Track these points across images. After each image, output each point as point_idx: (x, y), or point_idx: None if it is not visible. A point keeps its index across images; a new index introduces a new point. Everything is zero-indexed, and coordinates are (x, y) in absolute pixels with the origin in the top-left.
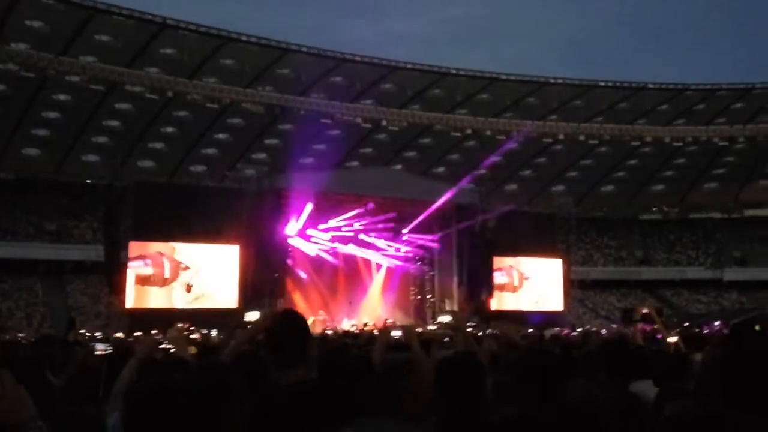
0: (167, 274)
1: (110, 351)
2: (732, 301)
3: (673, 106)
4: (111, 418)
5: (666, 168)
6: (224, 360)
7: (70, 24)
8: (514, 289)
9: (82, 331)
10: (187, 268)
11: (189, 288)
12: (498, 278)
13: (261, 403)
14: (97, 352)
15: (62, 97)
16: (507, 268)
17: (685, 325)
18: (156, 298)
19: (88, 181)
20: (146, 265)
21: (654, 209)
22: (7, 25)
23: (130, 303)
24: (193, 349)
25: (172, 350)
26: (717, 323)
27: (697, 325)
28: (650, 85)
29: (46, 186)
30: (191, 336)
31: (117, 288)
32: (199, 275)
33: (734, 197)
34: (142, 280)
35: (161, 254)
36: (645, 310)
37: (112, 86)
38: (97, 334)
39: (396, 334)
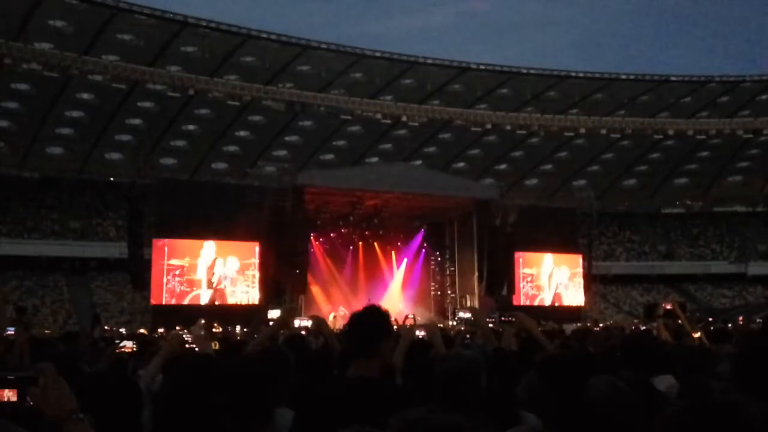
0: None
1: (136, 348)
2: (756, 296)
3: (697, 99)
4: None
5: (689, 161)
6: (249, 356)
7: (93, 23)
8: (536, 285)
9: (106, 328)
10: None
11: (211, 284)
12: (519, 273)
13: (323, 395)
14: (124, 349)
15: (85, 96)
16: (528, 263)
17: (709, 319)
18: (180, 294)
19: (111, 179)
20: None
21: (677, 203)
22: (31, 24)
23: (153, 299)
24: (215, 345)
25: (195, 347)
26: (740, 318)
27: (721, 320)
28: (673, 78)
29: (70, 184)
30: (214, 331)
31: (141, 284)
32: (221, 272)
33: (759, 190)
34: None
35: None
36: (668, 306)
37: (135, 85)
38: (121, 330)
39: (420, 333)
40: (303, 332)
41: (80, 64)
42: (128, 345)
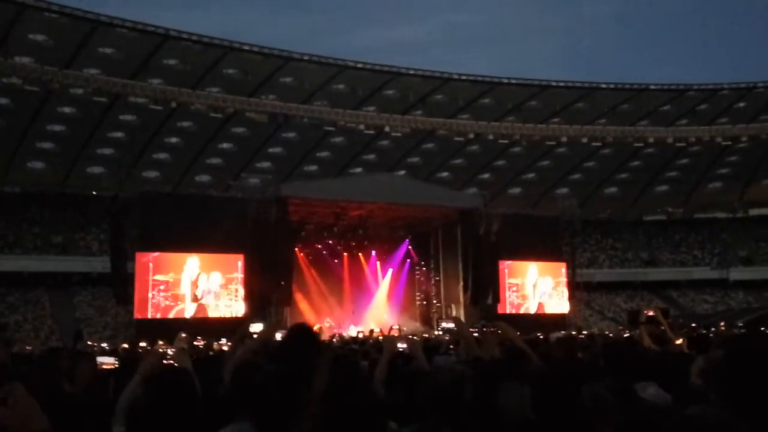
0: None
1: (116, 365)
2: (738, 301)
3: (676, 107)
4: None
5: (670, 169)
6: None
7: (74, 37)
8: (520, 293)
9: (89, 343)
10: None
11: (195, 298)
12: (504, 282)
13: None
14: (104, 366)
15: (67, 109)
16: (512, 271)
17: (692, 325)
18: (163, 308)
19: (93, 192)
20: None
21: (658, 210)
22: (11, 38)
23: (137, 313)
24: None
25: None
26: (722, 323)
27: (703, 325)
28: (652, 86)
29: (51, 198)
30: (196, 345)
31: (124, 299)
32: (204, 285)
33: (739, 196)
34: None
35: None
36: (650, 313)
37: (116, 98)
38: (104, 344)
39: (401, 346)
40: None
41: (61, 77)
42: (107, 361)
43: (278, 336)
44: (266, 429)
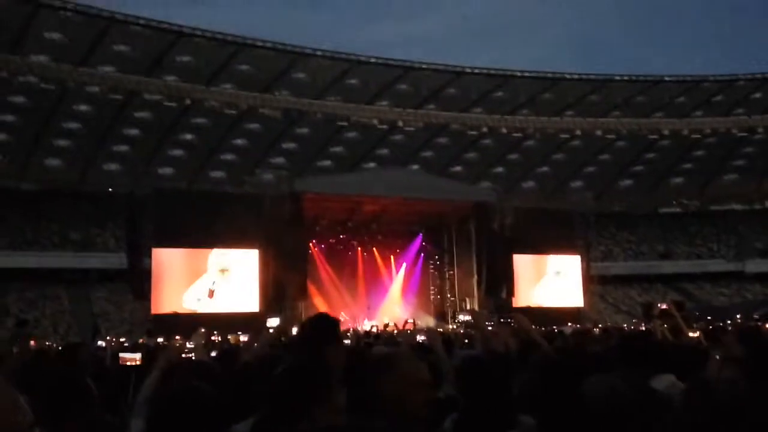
0: None
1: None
2: (755, 293)
3: (691, 98)
4: (135, 425)
5: (685, 161)
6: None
7: (89, 35)
8: (535, 287)
9: (107, 338)
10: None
11: (212, 293)
12: (517, 276)
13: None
14: (127, 362)
15: (82, 107)
16: (526, 265)
17: (708, 318)
18: (180, 303)
19: (109, 189)
20: None
21: (674, 202)
22: (27, 37)
23: (154, 309)
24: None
25: (192, 357)
26: (738, 316)
27: (719, 318)
28: (667, 78)
29: (68, 196)
30: (213, 340)
31: (141, 294)
32: (221, 280)
33: (755, 188)
34: None
35: None
36: (663, 306)
37: (131, 95)
38: (122, 339)
39: (420, 338)
40: None
41: (76, 75)
42: (131, 357)
43: (295, 329)
44: (287, 420)
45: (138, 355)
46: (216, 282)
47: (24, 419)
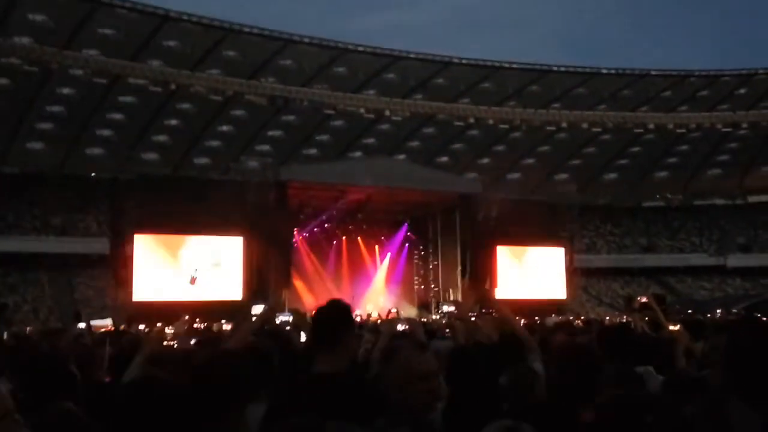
0: None
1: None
2: (736, 288)
3: (676, 93)
4: None
5: (669, 155)
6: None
7: (73, 17)
8: (518, 278)
9: (88, 324)
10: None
11: (193, 280)
12: (501, 267)
13: (287, 391)
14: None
15: (66, 90)
16: (510, 256)
17: (689, 312)
18: (161, 290)
19: (92, 174)
20: None
21: (657, 196)
22: (10, 18)
23: (136, 296)
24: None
25: (175, 344)
26: (719, 310)
27: (700, 312)
28: (653, 72)
29: (51, 180)
30: (195, 327)
31: (122, 281)
32: (203, 267)
33: (738, 183)
34: None
35: None
36: (643, 299)
37: (116, 79)
38: (102, 324)
39: (401, 327)
40: (288, 327)
41: (60, 58)
42: (102, 324)
43: (282, 318)
44: (286, 409)
45: (109, 321)
46: (198, 269)
47: (3, 406)
